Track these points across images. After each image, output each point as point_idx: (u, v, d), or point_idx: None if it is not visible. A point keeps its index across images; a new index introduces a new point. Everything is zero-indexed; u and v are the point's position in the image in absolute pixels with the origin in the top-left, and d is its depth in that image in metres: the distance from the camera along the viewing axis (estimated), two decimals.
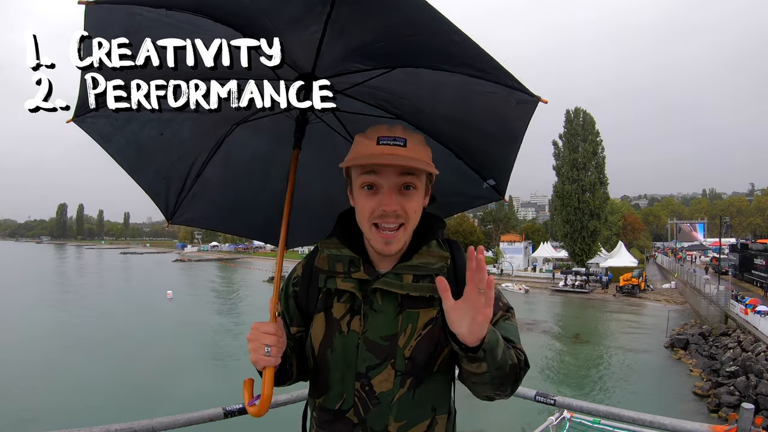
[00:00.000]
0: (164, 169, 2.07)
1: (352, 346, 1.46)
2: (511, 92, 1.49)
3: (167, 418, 2.51)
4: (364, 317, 1.47)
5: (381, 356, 1.44)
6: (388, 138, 1.44)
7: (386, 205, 1.42)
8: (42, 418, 15.98)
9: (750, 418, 2.57)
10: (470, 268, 1.19)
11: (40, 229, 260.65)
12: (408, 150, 1.43)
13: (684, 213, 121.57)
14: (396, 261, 1.51)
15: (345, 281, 1.50)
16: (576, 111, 60.11)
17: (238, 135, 2.03)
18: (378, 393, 1.43)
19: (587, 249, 57.81)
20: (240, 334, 29.61)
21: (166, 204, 2.18)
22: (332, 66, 1.55)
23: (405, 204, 1.44)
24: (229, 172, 2.14)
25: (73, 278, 67.96)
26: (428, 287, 1.45)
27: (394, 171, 1.42)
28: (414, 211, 1.46)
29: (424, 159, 1.46)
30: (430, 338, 1.44)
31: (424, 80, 1.62)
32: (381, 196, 1.43)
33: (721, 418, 16.70)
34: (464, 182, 1.93)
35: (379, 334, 1.45)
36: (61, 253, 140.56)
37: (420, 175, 1.47)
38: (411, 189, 1.45)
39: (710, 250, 71.88)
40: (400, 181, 1.43)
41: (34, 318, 34.17)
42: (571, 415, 3.51)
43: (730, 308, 29.29)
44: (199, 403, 13.60)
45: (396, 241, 1.45)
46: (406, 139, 1.44)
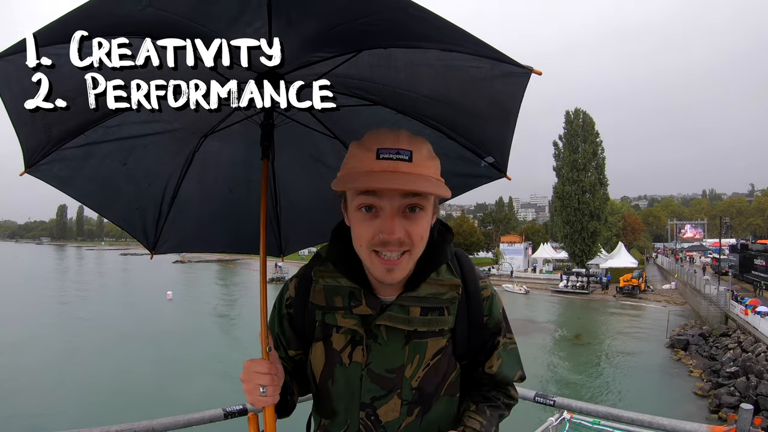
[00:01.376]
0: (135, 200, 1.96)
1: (355, 378, 1.36)
2: (497, 64, 1.33)
3: (167, 419, 2.51)
4: (367, 349, 1.35)
5: (387, 388, 1.35)
6: (390, 151, 1.23)
7: (388, 233, 1.22)
8: (42, 419, 16.00)
9: (749, 419, 2.57)
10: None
11: (40, 230, 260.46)
12: (414, 165, 1.23)
13: (684, 214, 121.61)
14: (401, 287, 1.36)
15: (346, 317, 1.36)
16: (576, 112, 60.21)
17: (209, 147, 1.92)
18: (384, 422, 1.35)
19: (587, 250, 57.88)
20: (240, 335, 29.67)
21: (145, 235, 2.07)
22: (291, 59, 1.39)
23: (410, 229, 1.24)
24: (207, 187, 2.04)
25: (74, 279, 68.01)
26: (438, 321, 1.34)
27: (398, 190, 1.22)
28: (421, 237, 1.27)
29: (433, 176, 1.27)
30: (438, 367, 1.36)
31: (396, 61, 1.49)
32: (381, 220, 1.23)
33: (721, 419, 16.70)
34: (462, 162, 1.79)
35: (385, 367, 1.35)
36: (61, 254, 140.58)
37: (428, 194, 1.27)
38: (417, 211, 1.25)
39: (710, 251, 71.91)
40: (405, 202, 1.23)
41: (34, 319, 34.19)
42: (571, 415, 3.51)
43: (731, 309, 29.30)
44: (199, 404, 13.61)
45: (400, 269, 1.27)
46: (412, 152, 1.24)
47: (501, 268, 66.32)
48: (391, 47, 1.43)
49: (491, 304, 1.43)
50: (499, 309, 1.45)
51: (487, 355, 1.45)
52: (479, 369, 1.46)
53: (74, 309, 39.80)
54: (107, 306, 40.98)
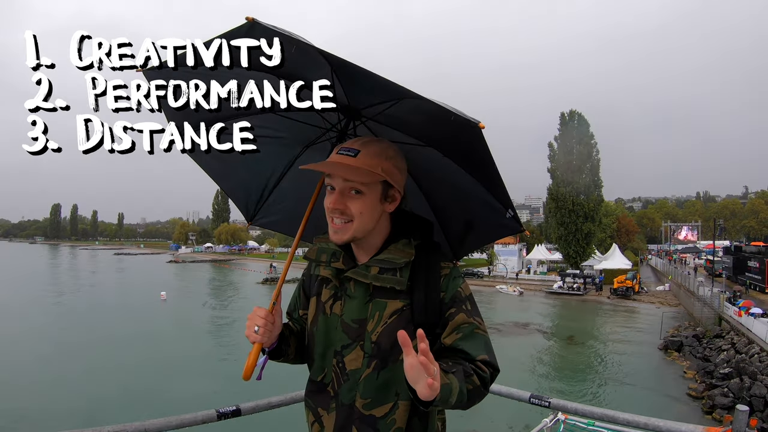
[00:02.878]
0: (244, 180, 2.37)
1: (332, 327, 1.69)
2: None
3: (159, 420, 2.49)
4: (343, 302, 1.69)
5: (352, 337, 1.65)
6: (343, 149, 1.66)
7: (331, 203, 1.64)
8: (33, 420, 15.90)
9: (745, 420, 2.57)
10: (421, 350, 1.28)
11: (33, 229, 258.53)
12: (356, 160, 1.62)
13: (678, 215, 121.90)
14: (372, 256, 1.71)
15: (326, 269, 1.74)
16: (571, 114, 60.40)
17: (306, 157, 2.26)
18: (348, 370, 1.64)
19: (581, 251, 58.03)
20: (233, 336, 29.57)
21: (246, 209, 2.48)
22: (362, 100, 1.81)
23: (350, 204, 1.62)
24: (298, 188, 2.35)
25: (67, 278, 67.61)
26: (390, 279, 1.62)
27: (341, 176, 1.61)
28: (359, 212, 1.63)
29: (368, 169, 1.62)
30: (395, 327, 1.55)
31: (423, 108, 1.67)
32: (333, 195, 1.64)
33: (716, 420, 16.73)
34: (490, 211, 1.93)
35: (351, 317, 1.66)
36: (54, 254, 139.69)
37: (369, 181, 1.62)
38: (358, 193, 1.63)
39: (704, 253, 72.18)
40: (347, 185, 1.62)
41: (25, 318, 33.97)
42: (566, 417, 3.51)
43: (724, 310, 29.41)
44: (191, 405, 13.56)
45: (343, 232, 1.65)
46: (359, 151, 1.64)
47: (495, 269, 66.33)
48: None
49: (449, 281, 1.67)
50: (457, 287, 1.67)
51: (442, 330, 1.64)
52: (439, 343, 1.63)
53: (67, 308, 39.55)
54: (100, 306, 40.69)
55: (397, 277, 1.63)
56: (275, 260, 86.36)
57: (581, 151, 58.40)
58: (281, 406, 2.90)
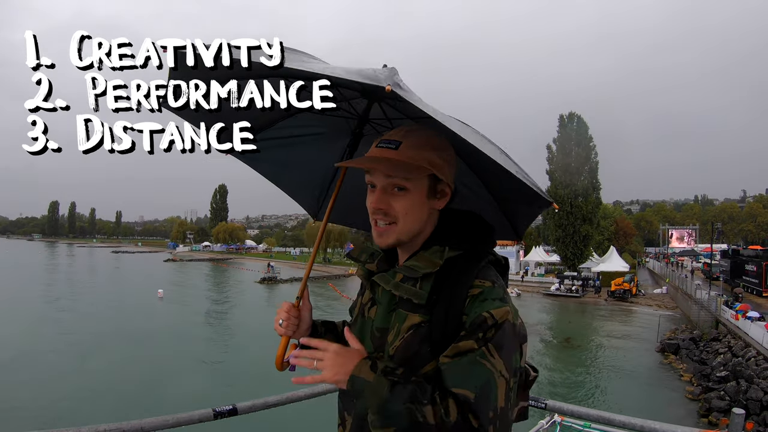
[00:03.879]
0: (299, 179, 2.38)
1: (366, 332, 1.57)
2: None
3: (156, 418, 2.47)
4: (376, 308, 1.57)
5: (376, 346, 1.51)
6: (383, 141, 1.51)
7: (373, 203, 1.49)
8: (30, 418, 15.86)
9: (741, 423, 2.59)
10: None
11: (31, 226, 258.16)
12: (397, 152, 1.46)
13: (676, 219, 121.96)
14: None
15: (360, 269, 1.68)
16: (570, 116, 60.47)
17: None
18: None
19: (579, 253, 58.12)
20: (231, 335, 29.57)
21: (308, 205, 2.47)
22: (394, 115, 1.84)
23: (393, 203, 1.47)
24: (354, 179, 2.29)
25: (64, 276, 67.50)
26: (407, 289, 1.44)
27: (383, 171, 1.47)
28: (405, 211, 1.47)
29: (410, 161, 1.45)
30: (410, 344, 1.40)
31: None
32: (374, 194, 1.50)
33: (712, 423, 16.78)
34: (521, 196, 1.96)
35: (377, 325, 1.52)
36: (52, 251, 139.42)
37: (414, 176, 1.45)
38: (402, 190, 1.47)
39: (702, 256, 72.26)
40: (390, 182, 1.47)
41: (23, 315, 33.88)
42: (562, 419, 3.50)
43: (721, 313, 29.45)
44: (188, 403, 13.55)
45: (387, 234, 1.49)
46: (401, 142, 1.48)
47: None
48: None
49: (475, 303, 1.36)
50: (482, 311, 1.34)
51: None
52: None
53: (64, 306, 39.46)
54: (98, 303, 40.66)
55: (416, 289, 1.44)
56: (273, 259, 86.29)
57: (580, 153, 58.49)
58: (278, 405, 2.89)
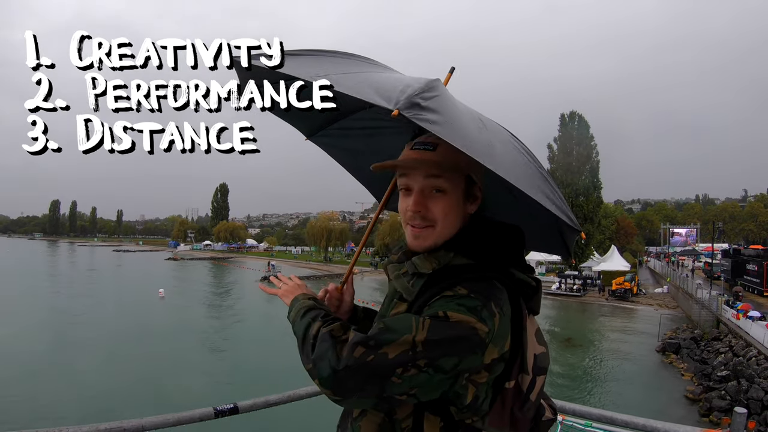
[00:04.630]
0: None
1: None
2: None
3: (157, 417, 2.48)
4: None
5: None
6: (419, 143, 1.49)
7: (412, 206, 1.46)
8: (30, 416, 15.86)
9: (743, 423, 2.58)
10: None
11: (32, 225, 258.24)
12: (436, 154, 1.44)
13: (677, 218, 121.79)
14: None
15: (385, 262, 1.66)
16: (571, 115, 60.51)
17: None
18: None
19: (580, 253, 58.01)
20: (232, 334, 29.59)
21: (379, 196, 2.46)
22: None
23: (431, 205, 1.45)
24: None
25: (65, 275, 67.55)
26: (402, 283, 1.49)
27: (421, 174, 1.45)
28: (444, 214, 1.46)
29: (449, 163, 1.44)
30: None
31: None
32: (411, 197, 1.48)
33: (713, 423, 16.77)
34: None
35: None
36: (53, 250, 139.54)
37: (452, 178, 1.46)
38: (440, 193, 1.46)
39: (703, 255, 72.17)
40: (428, 183, 1.45)
41: (24, 314, 33.90)
42: (563, 417, 3.51)
43: (722, 313, 29.42)
44: (189, 402, 13.55)
45: (423, 238, 1.47)
46: (438, 144, 1.44)
47: None
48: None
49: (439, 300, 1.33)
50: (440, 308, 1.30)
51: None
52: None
53: (65, 305, 39.49)
54: (99, 302, 40.70)
55: (408, 285, 1.47)
56: (274, 258, 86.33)
57: (581, 153, 58.50)
58: (279, 404, 2.90)
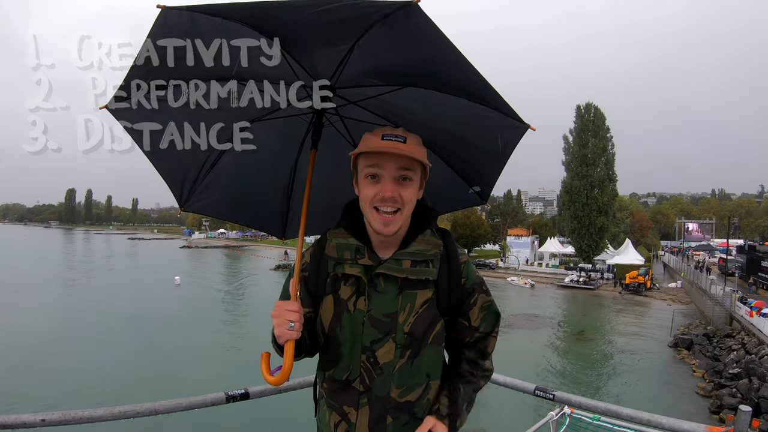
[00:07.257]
0: (182, 160, 2.18)
1: (357, 324, 1.66)
2: (505, 118, 1.76)
3: (170, 401, 2.52)
4: (368, 298, 1.66)
5: (384, 331, 1.65)
6: (391, 135, 1.66)
7: (385, 192, 1.62)
8: (45, 399, 16.14)
9: (747, 421, 2.57)
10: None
11: (48, 213, 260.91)
12: (407, 146, 1.64)
13: (693, 212, 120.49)
14: (396, 248, 1.72)
15: (352, 267, 1.68)
16: (587, 106, 59.81)
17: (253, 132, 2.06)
18: (381, 363, 1.65)
19: (594, 245, 57.73)
20: (246, 322, 29.82)
21: (180, 192, 2.32)
22: (350, 79, 1.76)
23: (402, 192, 1.64)
24: (240, 167, 2.28)
25: (82, 262, 68.43)
26: (424, 271, 1.67)
27: (393, 163, 1.64)
28: (409, 199, 1.67)
29: (420, 157, 1.66)
30: (426, 315, 1.66)
31: (432, 100, 1.84)
32: (381, 184, 1.64)
33: (721, 420, 16.65)
34: (452, 187, 2.21)
35: (382, 312, 1.65)
36: (69, 238, 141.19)
37: (416, 168, 1.68)
38: (407, 180, 1.66)
39: (717, 251, 71.36)
40: (399, 172, 1.64)
41: (41, 301, 34.50)
42: (572, 410, 3.54)
43: (736, 310, 29.13)
44: (202, 387, 13.72)
45: (393, 224, 1.65)
46: (407, 138, 1.67)
47: (507, 260, 66.42)
48: (436, 90, 1.80)
49: (468, 268, 1.76)
50: (474, 273, 1.78)
51: (466, 312, 1.76)
52: (461, 323, 1.77)
53: (82, 292, 40.09)
54: (115, 290, 41.26)
55: (431, 269, 1.68)
56: (289, 247, 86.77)
57: (596, 145, 57.91)
58: (289, 390, 2.92)
